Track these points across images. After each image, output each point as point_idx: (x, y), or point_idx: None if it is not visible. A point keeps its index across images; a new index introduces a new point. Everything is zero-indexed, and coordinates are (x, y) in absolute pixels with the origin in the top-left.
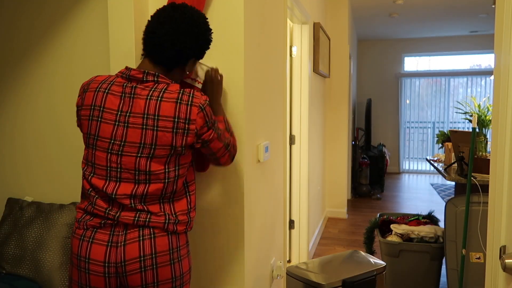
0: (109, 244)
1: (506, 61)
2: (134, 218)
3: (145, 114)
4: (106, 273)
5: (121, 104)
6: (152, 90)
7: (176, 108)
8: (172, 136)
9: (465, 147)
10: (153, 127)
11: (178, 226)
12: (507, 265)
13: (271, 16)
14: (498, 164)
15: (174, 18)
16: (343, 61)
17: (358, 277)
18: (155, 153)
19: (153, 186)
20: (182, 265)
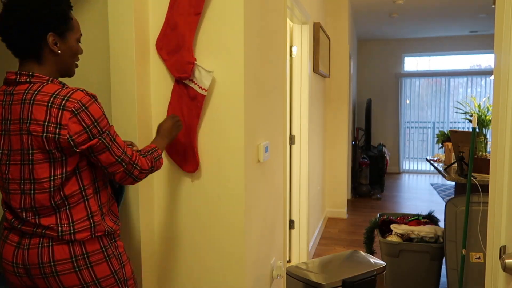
0: (17, 246)
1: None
2: (32, 229)
3: (21, 119)
4: (17, 273)
5: (3, 113)
6: (26, 92)
7: (47, 111)
8: (42, 140)
9: (465, 147)
10: (27, 132)
11: (77, 235)
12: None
13: (271, 16)
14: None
15: (6, 3)
16: (343, 61)
17: (358, 277)
18: (33, 158)
19: (39, 196)
20: (95, 271)
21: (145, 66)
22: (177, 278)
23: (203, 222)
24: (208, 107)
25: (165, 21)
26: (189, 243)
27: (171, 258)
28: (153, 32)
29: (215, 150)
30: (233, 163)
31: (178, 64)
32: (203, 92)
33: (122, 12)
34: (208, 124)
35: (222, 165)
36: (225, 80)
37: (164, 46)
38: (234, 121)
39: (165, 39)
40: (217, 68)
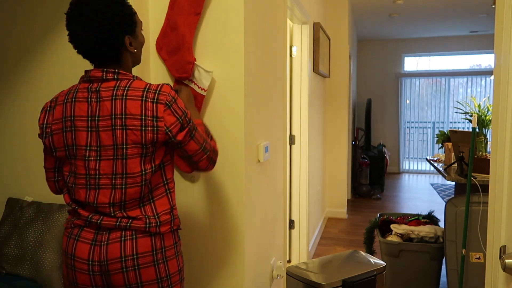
0: (93, 243)
1: (506, 61)
2: (115, 223)
3: (113, 114)
4: (91, 271)
5: (89, 110)
6: (115, 89)
7: (142, 106)
8: (141, 134)
9: (465, 147)
10: (122, 127)
11: (161, 228)
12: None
13: (271, 16)
14: (498, 164)
15: (74, 15)
16: (343, 61)
17: (358, 277)
18: (127, 152)
19: (130, 190)
20: (169, 266)
21: (145, 67)
22: None
23: (203, 222)
24: (208, 107)
25: (165, 21)
26: (189, 243)
27: None
28: (153, 32)
29: None
30: (233, 163)
31: (178, 64)
32: (203, 92)
33: None
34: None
35: (222, 165)
36: (225, 80)
37: (164, 46)
38: (234, 121)
39: (165, 39)
40: (217, 68)
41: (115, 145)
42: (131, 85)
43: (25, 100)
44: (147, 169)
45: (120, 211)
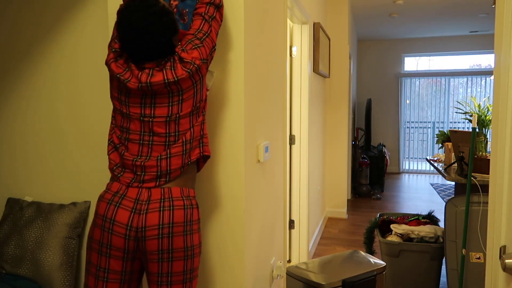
0: (133, 211)
1: (506, 61)
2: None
3: (166, 80)
4: (127, 235)
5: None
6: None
7: (182, 67)
8: (191, 80)
9: (465, 147)
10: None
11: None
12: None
13: (271, 16)
14: (498, 164)
15: (131, 20)
16: (343, 61)
17: (358, 277)
18: (183, 101)
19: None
20: (193, 238)
21: None
22: None
23: (203, 222)
24: (208, 107)
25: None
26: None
27: None
28: None
29: (215, 150)
30: (233, 163)
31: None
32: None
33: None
34: (208, 124)
35: (222, 165)
36: (225, 80)
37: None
38: (234, 121)
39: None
40: (217, 68)
41: (171, 94)
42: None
43: (25, 100)
44: (194, 123)
45: (165, 176)
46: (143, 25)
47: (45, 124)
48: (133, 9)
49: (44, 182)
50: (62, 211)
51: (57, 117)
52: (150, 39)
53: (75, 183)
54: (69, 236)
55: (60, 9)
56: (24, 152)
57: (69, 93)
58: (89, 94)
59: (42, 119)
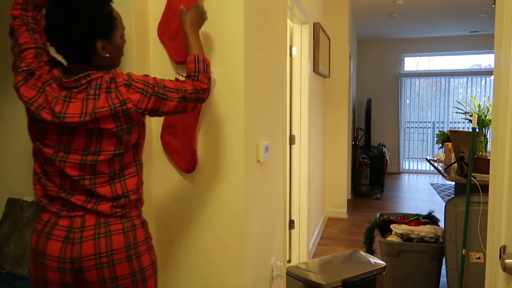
0: (65, 240)
1: (506, 61)
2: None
3: (83, 113)
4: (62, 269)
5: (61, 107)
6: (88, 89)
7: (108, 97)
8: (112, 119)
9: (465, 147)
10: (91, 117)
11: (128, 207)
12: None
13: (271, 16)
14: (498, 164)
15: (50, 11)
16: (343, 61)
17: (358, 277)
18: (102, 140)
19: (101, 168)
20: (142, 261)
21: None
22: (177, 278)
23: (203, 222)
24: (208, 107)
25: (166, 6)
26: (189, 243)
27: (170, 258)
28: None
29: (215, 150)
30: (233, 163)
31: (178, 49)
32: None
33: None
34: (208, 124)
35: (222, 165)
36: (225, 80)
37: (166, 31)
38: (234, 121)
39: (166, 24)
40: (217, 68)
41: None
42: (102, 82)
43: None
44: (120, 149)
45: (92, 199)
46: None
47: None
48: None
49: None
50: None
51: None
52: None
53: None
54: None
55: None
56: (24, 152)
57: None
58: None
59: None
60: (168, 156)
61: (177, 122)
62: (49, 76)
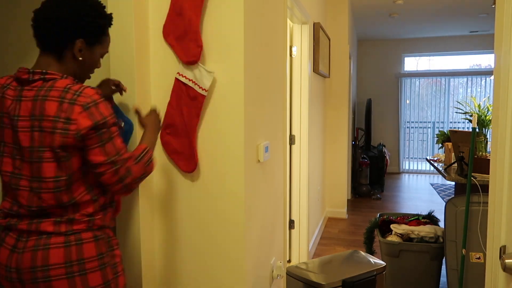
0: (13, 249)
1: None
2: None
3: (32, 116)
4: (9, 277)
5: (13, 109)
6: (40, 89)
7: (59, 107)
8: (53, 137)
9: (465, 147)
10: (39, 128)
11: (74, 225)
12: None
13: (271, 16)
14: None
15: (45, 2)
16: (343, 61)
17: (358, 277)
18: (42, 156)
19: (45, 195)
20: (88, 280)
21: (144, 66)
22: (177, 278)
23: (203, 222)
24: (208, 107)
25: (170, 6)
26: (189, 243)
27: (170, 258)
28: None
29: (215, 150)
30: (233, 163)
31: (187, 49)
32: (204, 92)
33: (122, 11)
34: (208, 124)
35: (222, 165)
36: (225, 80)
37: (171, 32)
38: (234, 121)
39: (172, 24)
40: (217, 68)
41: (32, 148)
42: (54, 85)
43: None
44: (62, 176)
45: (37, 217)
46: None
47: None
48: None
49: None
50: None
51: None
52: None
53: None
54: None
55: None
56: None
57: None
58: None
59: None
60: (168, 156)
61: (177, 122)
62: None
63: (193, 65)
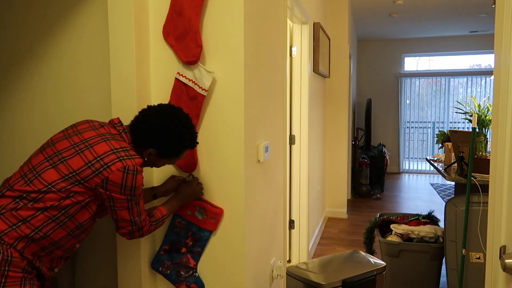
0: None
1: (506, 61)
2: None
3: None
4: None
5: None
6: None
7: (104, 149)
8: (84, 166)
9: (465, 147)
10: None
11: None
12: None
13: (271, 16)
14: (498, 164)
15: (159, 113)
16: (343, 61)
17: (358, 277)
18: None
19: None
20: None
21: (145, 66)
22: None
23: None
24: (208, 107)
25: (170, 6)
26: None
27: None
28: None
29: (215, 150)
30: (233, 163)
31: (187, 49)
32: (203, 92)
33: (122, 11)
34: (208, 124)
35: (222, 165)
36: (225, 80)
37: (171, 32)
38: (234, 121)
39: (172, 24)
40: (217, 68)
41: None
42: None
43: (22, 101)
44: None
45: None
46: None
47: (44, 125)
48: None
49: None
50: None
51: (55, 118)
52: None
53: None
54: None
55: (61, 8)
56: (24, 152)
57: (67, 93)
58: (86, 96)
59: (40, 120)
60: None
61: None
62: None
63: (193, 65)
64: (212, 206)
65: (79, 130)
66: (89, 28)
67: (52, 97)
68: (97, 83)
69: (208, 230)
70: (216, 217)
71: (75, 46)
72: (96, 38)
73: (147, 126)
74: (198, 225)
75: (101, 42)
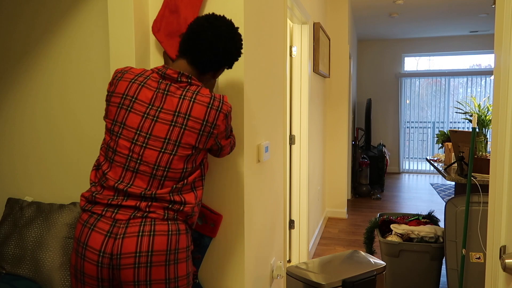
0: (108, 234)
1: (506, 61)
2: (130, 216)
3: (177, 112)
4: (100, 262)
5: (153, 99)
6: (185, 90)
7: (207, 112)
8: (197, 137)
9: (465, 147)
10: (181, 125)
11: (179, 215)
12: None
13: (271, 16)
14: (498, 164)
15: (216, 26)
16: (343, 61)
17: (358, 277)
18: (178, 150)
19: (168, 183)
20: (178, 269)
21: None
22: None
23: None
24: None
25: (164, 3)
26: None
27: None
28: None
29: None
30: (233, 163)
31: (176, 46)
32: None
33: (122, 11)
34: None
35: (222, 165)
36: (225, 81)
37: (162, 28)
38: (234, 121)
39: (163, 21)
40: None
41: (167, 139)
42: (200, 91)
43: (24, 101)
44: (188, 166)
45: (148, 200)
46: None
47: (43, 125)
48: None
49: (44, 182)
50: (62, 211)
51: (55, 118)
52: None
53: (75, 183)
54: (69, 236)
55: (57, 8)
56: (24, 152)
57: (66, 93)
58: (87, 95)
59: (40, 120)
60: None
61: None
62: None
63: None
64: (212, 212)
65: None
66: (89, 28)
67: (48, 98)
68: (97, 82)
69: (208, 237)
70: (215, 223)
71: (75, 46)
72: (96, 38)
73: (230, 52)
74: (199, 231)
75: (101, 41)
